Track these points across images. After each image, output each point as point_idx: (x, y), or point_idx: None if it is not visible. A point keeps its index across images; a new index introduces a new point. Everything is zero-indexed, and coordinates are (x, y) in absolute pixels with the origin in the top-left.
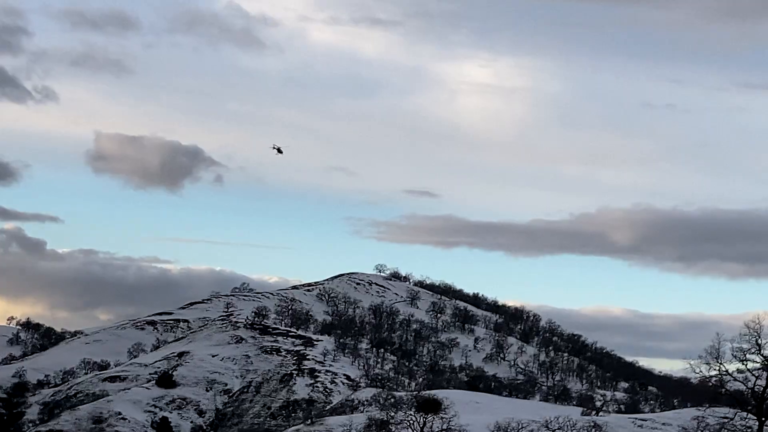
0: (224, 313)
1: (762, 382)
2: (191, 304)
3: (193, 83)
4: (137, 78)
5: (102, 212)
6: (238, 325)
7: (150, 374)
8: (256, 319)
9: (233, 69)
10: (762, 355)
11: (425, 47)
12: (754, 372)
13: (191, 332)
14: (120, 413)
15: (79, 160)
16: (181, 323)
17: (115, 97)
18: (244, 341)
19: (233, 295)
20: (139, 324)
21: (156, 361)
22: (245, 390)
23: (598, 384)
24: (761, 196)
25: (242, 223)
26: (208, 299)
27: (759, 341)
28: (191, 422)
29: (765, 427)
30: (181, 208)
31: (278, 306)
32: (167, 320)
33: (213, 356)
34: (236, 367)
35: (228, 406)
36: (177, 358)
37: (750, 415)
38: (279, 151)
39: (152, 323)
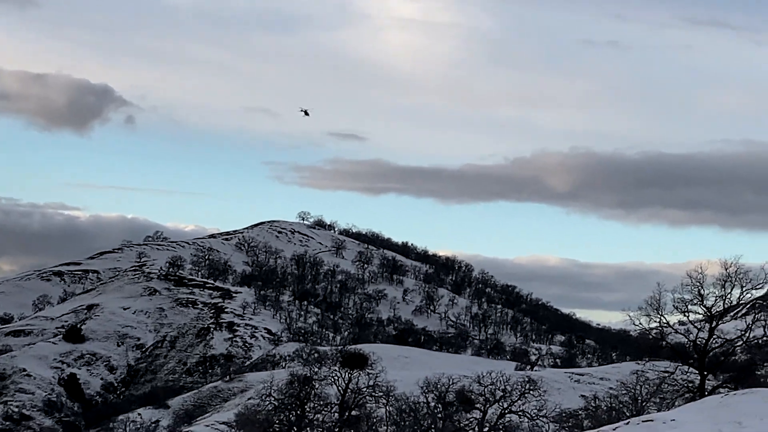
0: (136, 264)
1: (704, 335)
2: (101, 253)
3: (103, 18)
4: (43, 11)
5: (3, 155)
6: (151, 276)
7: (57, 328)
8: (170, 269)
9: (146, 2)
10: (704, 306)
11: None
12: (696, 324)
13: (101, 284)
14: (25, 369)
15: None
16: (90, 274)
17: (18, 32)
18: (157, 293)
19: (146, 245)
20: (44, 275)
21: (63, 315)
22: (159, 345)
23: (533, 337)
24: (706, 139)
25: (156, 168)
26: (119, 249)
27: (701, 292)
28: (101, 379)
29: (707, 381)
30: (90, 151)
31: (194, 256)
32: (75, 271)
33: (124, 309)
34: (149, 320)
35: (141, 361)
36: (86, 311)
37: (691, 369)
38: (306, 113)
39: (59, 274)
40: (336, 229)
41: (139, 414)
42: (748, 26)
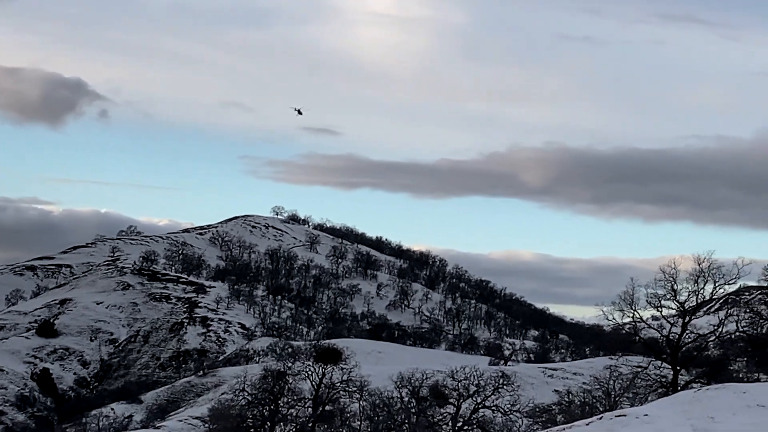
0: (110, 258)
1: (677, 330)
2: (74, 248)
3: (76, 11)
4: (15, 4)
5: None
6: (124, 270)
7: (29, 323)
8: (144, 264)
9: None
10: (677, 301)
11: None
12: (669, 319)
13: (74, 278)
14: None
15: None
16: (64, 268)
17: None
18: (131, 288)
19: (120, 239)
20: (17, 269)
21: (36, 309)
22: (132, 340)
23: (507, 332)
24: (679, 134)
25: (129, 162)
26: (92, 243)
27: (675, 287)
28: (74, 374)
29: (679, 376)
30: (63, 145)
31: (168, 250)
32: (48, 265)
33: (98, 304)
34: (123, 315)
35: (114, 356)
36: (59, 305)
37: (664, 364)
38: (299, 112)
39: (32, 268)
40: (310, 224)
41: (112, 409)
42: (722, 22)
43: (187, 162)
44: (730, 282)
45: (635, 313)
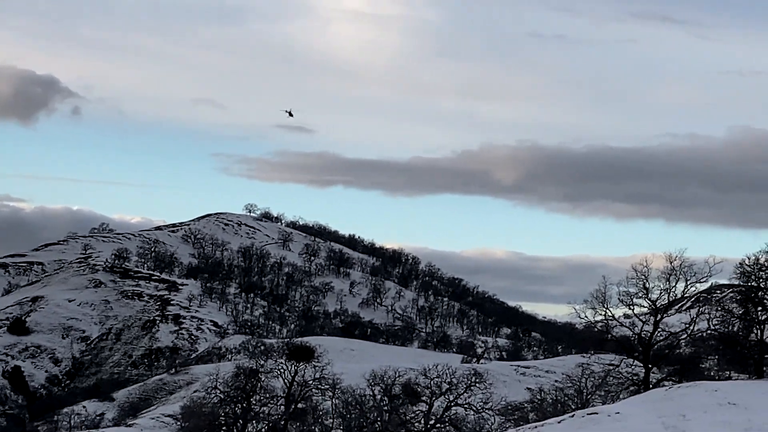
0: (82, 256)
1: (649, 328)
2: (46, 245)
3: (48, 8)
4: None
5: None
6: (96, 268)
7: (1, 320)
8: (116, 261)
9: None
10: (649, 299)
11: None
12: (641, 317)
13: (46, 275)
14: None
15: None
16: (35, 266)
17: None
18: (103, 285)
19: (92, 236)
20: None
21: (7, 307)
22: (104, 337)
23: (480, 330)
24: (651, 133)
25: (102, 159)
26: (64, 240)
27: (647, 285)
28: (46, 371)
29: (651, 374)
30: (35, 142)
31: (140, 248)
32: (20, 263)
33: (69, 301)
34: (95, 312)
35: (86, 354)
36: (30, 303)
37: (636, 362)
38: (290, 114)
39: (3, 266)
40: (283, 222)
41: (84, 407)
42: (695, 21)
43: (159, 159)
44: (702, 280)
45: (607, 311)
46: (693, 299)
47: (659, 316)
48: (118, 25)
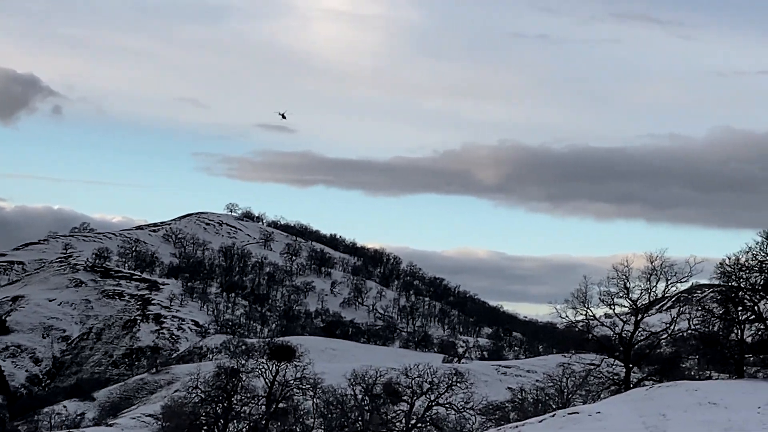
0: (62, 255)
1: (630, 328)
2: (27, 244)
3: (30, 6)
4: None
5: None
6: (77, 267)
7: None
8: (97, 261)
9: None
10: (630, 299)
11: None
12: (621, 317)
13: (26, 275)
14: None
15: None
16: (16, 265)
17: None
18: (84, 285)
19: (72, 236)
20: None
21: None
22: (85, 337)
23: (461, 330)
24: (632, 133)
25: (83, 159)
26: (44, 240)
27: (627, 285)
28: (26, 371)
29: (632, 373)
30: (16, 141)
31: (121, 247)
32: (0, 262)
33: (50, 301)
34: (75, 312)
35: (66, 353)
36: (11, 302)
37: (617, 362)
38: (283, 116)
39: None
40: (264, 221)
41: (65, 406)
42: (676, 21)
43: (140, 159)
44: (683, 280)
45: (588, 310)
46: (674, 299)
47: (640, 316)
48: (99, 24)
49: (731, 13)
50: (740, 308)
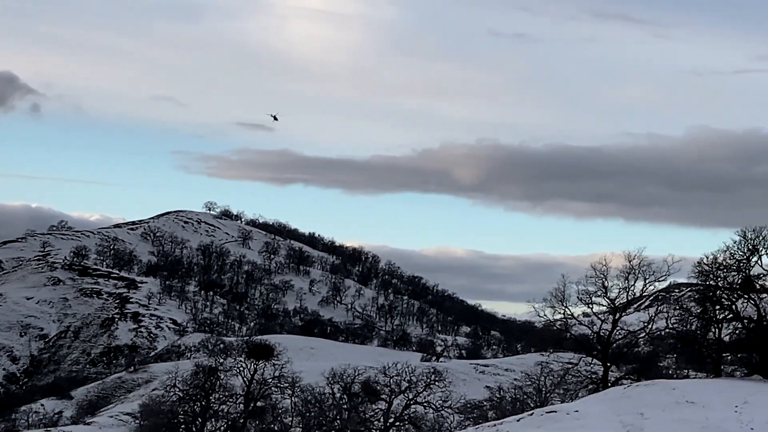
0: (40, 253)
1: (608, 326)
2: (4, 243)
3: (7, 4)
4: None
5: None
6: (55, 265)
7: None
8: (75, 259)
9: None
10: (608, 298)
11: None
12: (599, 316)
13: (4, 273)
14: None
15: None
16: None
17: None
18: (61, 283)
19: (50, 234)
20: None
21: None
22: (63, 335)
23: (439, 328)
24: (610, 132)
25: (61, 157)
26: (22, 238)
27: (605, 284)
28: (4, 369)
29: (610, 372)
30: None
31: (99, 246)
32: None
33: (28, 299)
34: (53, 310)
35: (44, 352)
36: None
37: (595, 360)
38: (275, 118)
39: None
40: (242, 220)
41: (42, 405)
42: (653, 20)
43: (118, 157)
44: (660, 279)
45: (566, 309)
46: (651, 298)
47: (618, 315)
48: (77, 22)
49: (708, 12)
50: (718, 307)
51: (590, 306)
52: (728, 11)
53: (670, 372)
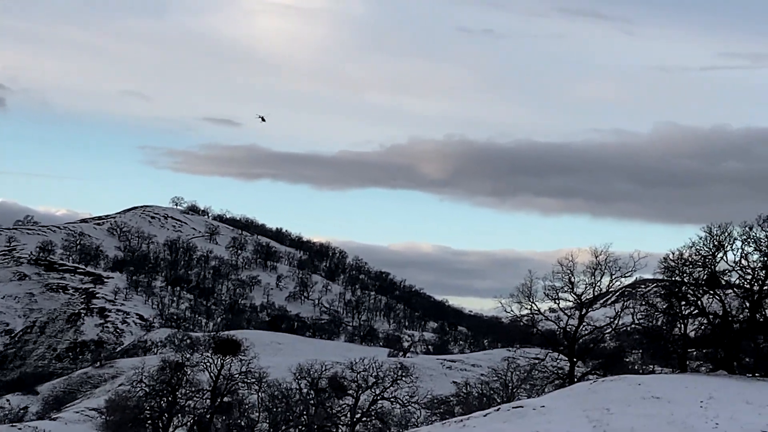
0: (6, 248)
1: (574, 322)
2: None
3: None
4: None
5: None
6: (21, 260)
7: None
8: (41, 254)
9: None
10: (574, 293)
11: None
12: (566, 311)
13: None
14: None
15: None
16: None
17: None
18: (27, 278)
19: (16, 229)
20: None
21: None
22: (29, 330)
23: (406, 324)
24: (577, 128)
25: (26, 151)
26: None
27: (572, 279)
28: None
29: (576, 368)
30: None
31: (65, 241)
32: None
33: None
34: (19, 306)
35: (9, 347)
36: None
37: (561, 356)
38: (262, 119)
39: None
40: (210, 215)
41: (8, 400)
42: (621, 17)
43: (85, 151)
44: (627, 275)
45: (533, 305)
46: (618, 294)
47: (584, 311)
48: (42, 15)
49: (676, 9)
50: (683, 303)
51: (557, 301)
52: (696, 8)
53: (636, 367)
